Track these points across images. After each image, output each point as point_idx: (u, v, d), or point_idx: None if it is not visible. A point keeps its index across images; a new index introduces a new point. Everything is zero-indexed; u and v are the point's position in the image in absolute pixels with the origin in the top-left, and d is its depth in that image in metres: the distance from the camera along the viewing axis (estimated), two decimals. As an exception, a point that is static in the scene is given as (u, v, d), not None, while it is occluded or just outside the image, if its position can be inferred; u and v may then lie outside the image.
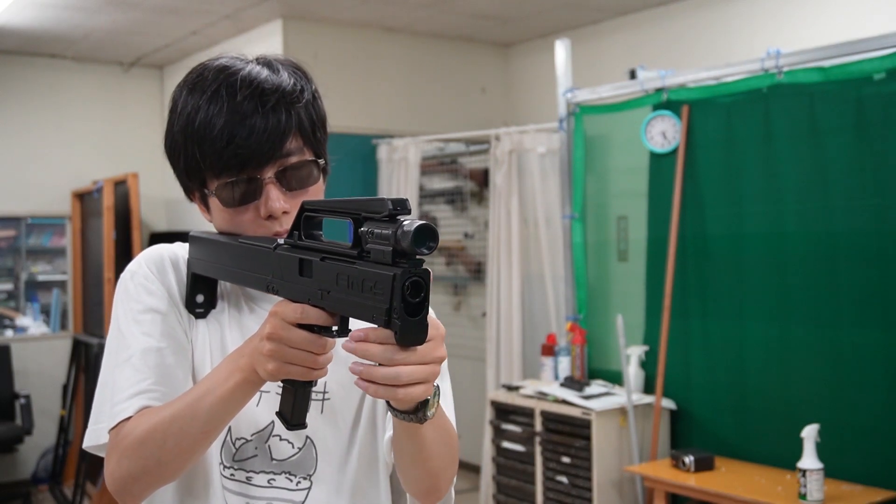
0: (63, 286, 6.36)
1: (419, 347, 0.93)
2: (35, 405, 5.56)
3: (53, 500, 5.62)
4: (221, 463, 1.18)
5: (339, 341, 0.99)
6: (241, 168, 1.10)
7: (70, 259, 6.33)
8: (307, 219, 1.03)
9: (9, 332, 6.04)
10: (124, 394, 1.11)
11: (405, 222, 0.87)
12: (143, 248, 6.17)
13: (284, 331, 0.97)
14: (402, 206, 0.89)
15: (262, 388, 1.17)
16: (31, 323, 6.17)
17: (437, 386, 1.05)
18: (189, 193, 1.20)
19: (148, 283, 1.18)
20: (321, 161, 1.17)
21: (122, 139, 6.26)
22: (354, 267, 0.93)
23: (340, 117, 5.37)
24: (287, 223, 1.13)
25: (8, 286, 6.34)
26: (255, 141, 1.08)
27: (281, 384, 1.06)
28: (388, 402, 1.04)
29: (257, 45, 5.41)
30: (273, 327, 0.97)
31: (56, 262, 6.43)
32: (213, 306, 1.18)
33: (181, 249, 1.23)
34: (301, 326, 0.97)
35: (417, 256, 0.88)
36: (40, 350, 6.01)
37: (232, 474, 1.17)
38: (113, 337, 1.16)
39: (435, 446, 1.11)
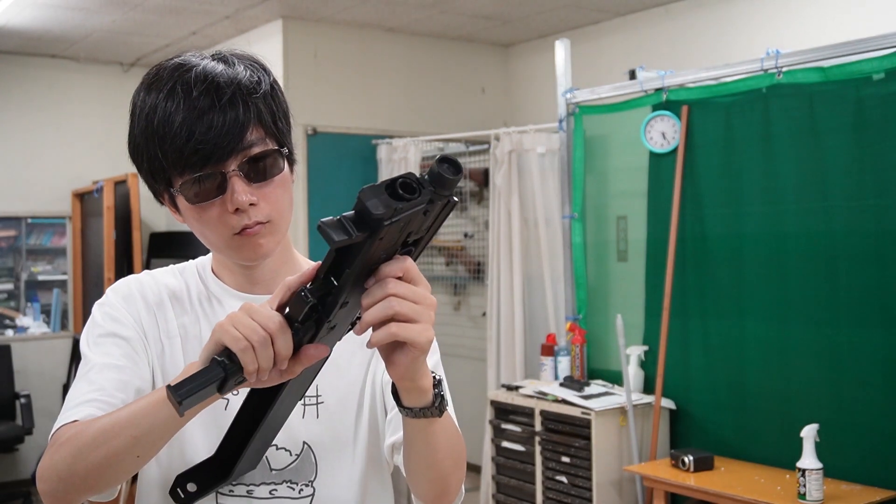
0: (63, 286, 6.36)
1: (403, 284, 0.90)
2: (35, 405, 5.56)
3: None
4: None
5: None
6: (203, 163, 1.09)
7: (70, 259, 6.33)
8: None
9: (9, 332, 6.05)
10: (72, 402, 1.11)
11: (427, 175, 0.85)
12: (143, 248, 6.19)
13: (252, 310, 0.90)
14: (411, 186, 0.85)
15: None
16: (31, 323, 6.17)
17: (441, 379, 1.04)
18: (158, 196, 1.19)
19: (114, 311, 1.19)
20: (285, 150, 1.15)
21: (122, 139, 6.13)
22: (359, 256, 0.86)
23: (340, 117, 5.37)
24: (256, 215, 1.11)
25: (8, 286, 6.34)
26: (215, 135, 1.07)
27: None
28: (400, 405, 1.02)
29: (257, 46, 5.41)
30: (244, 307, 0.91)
31: (56, 262, 6.44)
32: None
33: (148, 277, 1.24)
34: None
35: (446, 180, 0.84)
36: (40, 350, 6.02)
37: (231, 490, 1.17)
38: (80, 364, 1.17)
39: (446, 446, 1.10)
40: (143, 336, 1.18)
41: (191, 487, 1.10)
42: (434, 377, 1.02)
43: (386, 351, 0.94)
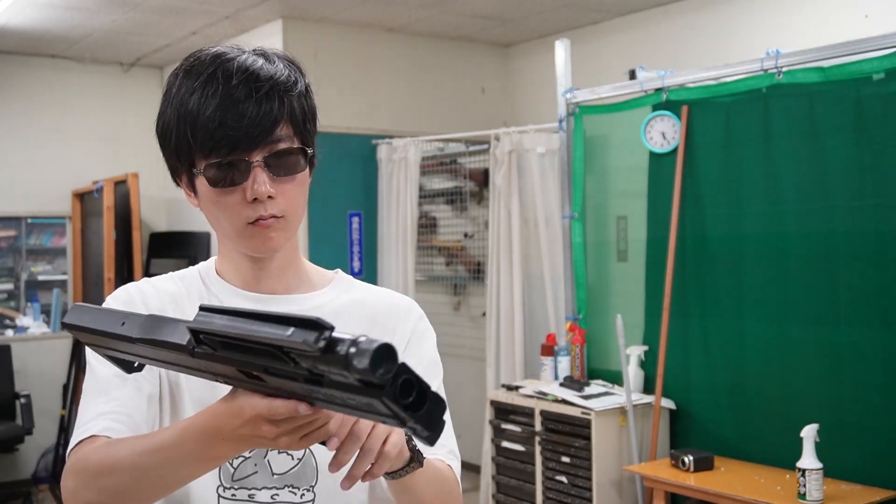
0: (63, 286, 6.37)
1: (354, 439, 0.94)
2: (35, 405, 5.56)
3: (54, 499, 5.62)
4: (221, 485, 1.17)
5: None
6: (230, 150, 1.10)
7: (70, 259, 6.33)
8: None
9: (9, 332, 6.05)
10: (86, 417, 1.11)
11: (351, 353, 0.73)
12: (143, 249, 6.19)
13: (287, 423, 0.88)
14: (321, 327, 0.75)
15: None
16: (31, 323, 6.17)
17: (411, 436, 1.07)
18: (176, 176, 1.19)
19: None
20: (309, 151, 1.18)
21: (122, 139, 6.26)
22: (319, 388, 0.80)
23: (340, 117, 5.37)
24: (272, 208, 1.13)
25: (8, 286, 6.35)
26: (247, 124, 1.09)
27: None
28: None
29: (257, 45, 5.40)
30: (272, 426, 0.89)
31: (56, 262, 6.44)
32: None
33: (147, 284, 1.24)
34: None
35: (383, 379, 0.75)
36: (40, 350, 6.02)
37: (233, 494, 1.17)
38: (86, 376, 1.17)
39: (430, 488, 1.13)
40: None
41: None
42: (406, 434, 1.05)
43: None
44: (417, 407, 0.78)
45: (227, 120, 1.09)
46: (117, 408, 1.11)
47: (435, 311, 5.73)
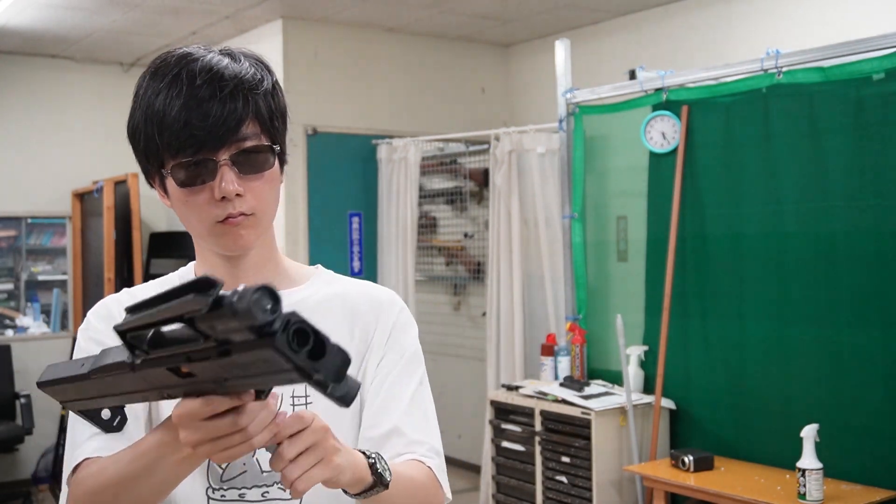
0: (63, 286, 6.37)
1: (298, 442, 0.94)
2: (35, 405, 5.56)
3: (54, 499, 5.62)
4: (210, 486, 1.17)
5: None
6: (196, 149, 1.11)
7: (70, 259, 6.33)
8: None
9: (9, 332, 6.05)
10: (78, 440, 1.13)
11: (235, 300, 0.74)
12: (143, 248, 6.19)
13: (200, 432, 0.90)
14: (207, 285, 0.77)
15: None
16: (31, 323, 6.18)
17: (377, 454, 1.08)
18: (149, 178, 1.21)
19: (97, 334, 1.20)
20: (277, 147, 1.18)
21: (122, 139, 6.13)
22: (230, 357, 0.81)
23: (340, 117, 5.37)
24: (240, 206, 1.14)
25: (8, 286, 6.35)
26: (212, 124, 1.10)
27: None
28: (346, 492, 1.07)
29: (257, 45, 5.41)
30: (186, 436, 0.91)
31: (56, 262, 6.44)
32: (123, 412, 1.10)
33: (126, 296, 1.25)
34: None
35: (273, 324, 0.76)
36: (40, 350, 6.02)
37: (223, 495, 1.17)
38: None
39: (403, 502, 1.14)
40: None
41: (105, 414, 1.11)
42: (367, 457, 1.06)
43: None
44: (317, 356, 0.78)
45: (192, 120, 1.10)
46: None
47: (435, 311, 5.74)
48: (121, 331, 0.88)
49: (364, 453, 1.07)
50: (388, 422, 1.19)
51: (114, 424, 1.07)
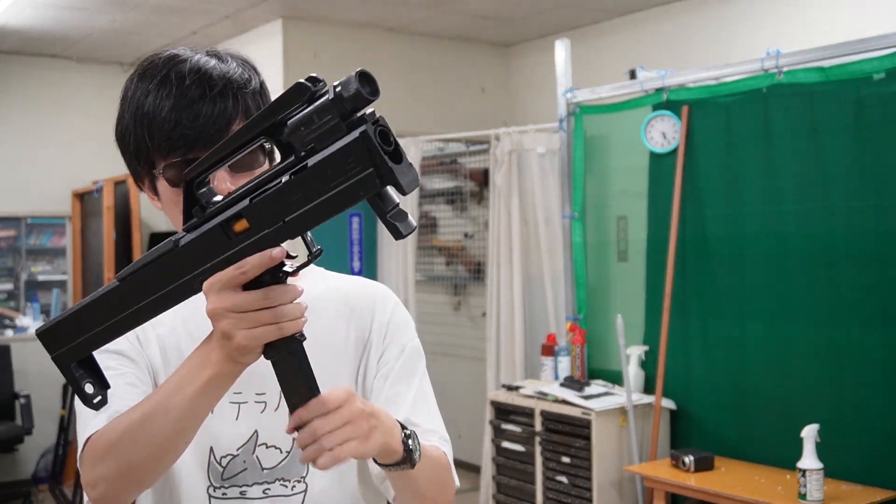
0: (63, 286, 6.36)
1: (341, 409, 0.93)
2: (35, 405, 5.56)
3: (53, 499, 5.62)
4: (211, 485, 1.17)
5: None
6: (188, 149, 1.12)
7: (70, 259, 6.33)
8: (199, 186, 0.93)
9: (9, 332, 6.05)
10: (88, 418, 1.11)
11: (333, 83, 0.79)
12: (143, 249, 6.19)
13: (226, 300, 0.90)
14: (315, 80, 0.82)
15: (240, 400, 1.17)
16: (31, 323, 6.17)
17: (413, 432, 1.08)
18: (139, 180, 1.21)
19: None
20: (268, 146, 1.18)
21: (122, 139, 6.25)
22: (306, 170, 0.82)
23: (340, 117, 5.36)
24: None
25: (8, 286, 6.34)
26: (202, 123, 1.11)
27: (270, 365, 0.96)
28: (374, 461, 1.07)
29: (257, 45, 5.41)
30: (214, 303, 0.91)
31: (56, 262, 6.44)
32: (106, 385, 1.07)
33: None
34: (248, 286, 0.90)
35: (369, 105, 0.80)
36: (40, 350, 5.80)
37: (224, 493, 1.17)
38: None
39: (426, 480, 1.15)
40: (132, 346, 1.19)
41: None
42: (404, 431, 1.07)
43: None
44: (397, 158, 0.80)
45: (182, 119, 1.11)
46: (119, 402, 1.11)
47: (435, 311, 5.73)
48: (194, 176, 0.90)
49: (401, 425, 1.07)
50: (399, 414, 1.20)
51: (94, 402, 1.03)
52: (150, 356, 1.20)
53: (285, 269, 0.91)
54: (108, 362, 1.15)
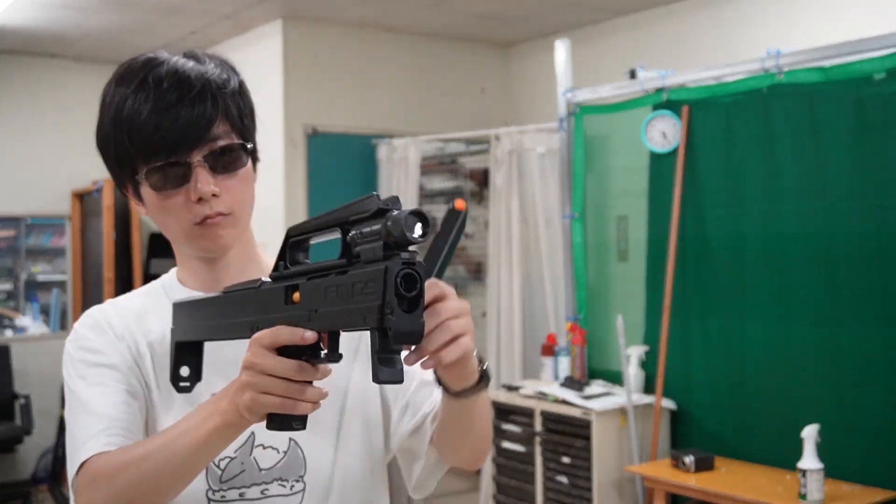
0: (63, 286, 6.36)
1: (450, 302, 0.92)
2: (35, 405, 5.56)
3: (53, 500, 5.62)
4: (209, 488, 1.17)
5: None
6: (169, 153, 1.11)
7: (70, 259, 6.33)
8: (293, 245, 1.00)
9: (9, 332, 6.04)
10: (82, 439, 1.11)
11: (395, 212, 0.83)
12: (142, 249, 6.18)
13: (260, 357, 0.93)
14: (392, 202, 0.86)
15: None
16: (30, 323, 6.17)
17: (483, 356, 1.08)
18: (122, 186, 1.21)
19: (88, 343, 1.20)
20: (249, 145, 1.19)
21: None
22: (343, 275, 0.88)
23: (340, 117, 5.36)
24: (217, 206, 1.14)
25: (8, 286, 6.34)
26: (182, 126, 1.10)
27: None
28: (448, 391, 1.06)
29: (257, 45, 5.41)
30: (248, 356, 0.94)
31: (56, 262, 6.43)
32: (199, 378, 1.13)
33: (110, 306, 1.25)
34: (284, 353, 0.93)
35: (410, 247, 0.83)
36: (40, 350, 6.01)
37: (223, 496, 1.17)
38: (67, 400, 1.18)
39: (485, 411, 1.18)
40: (124, 359, 1.19)
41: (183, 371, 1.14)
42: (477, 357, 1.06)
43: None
44: (410, 308, 0.83)
45: (162, 123, 1.10)
46: (113, 423, 1.12)
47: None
48: (293, 234, 0.99)
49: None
50: (417, 379, 1.23)
51: (180, 384, 1.12)
52: (144, 370, 1.20)
53: (323, 354, 0.94)
54: (100, 378, 1.16)
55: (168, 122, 1.10)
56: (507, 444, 4.07)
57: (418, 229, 0.82)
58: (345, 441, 1.23)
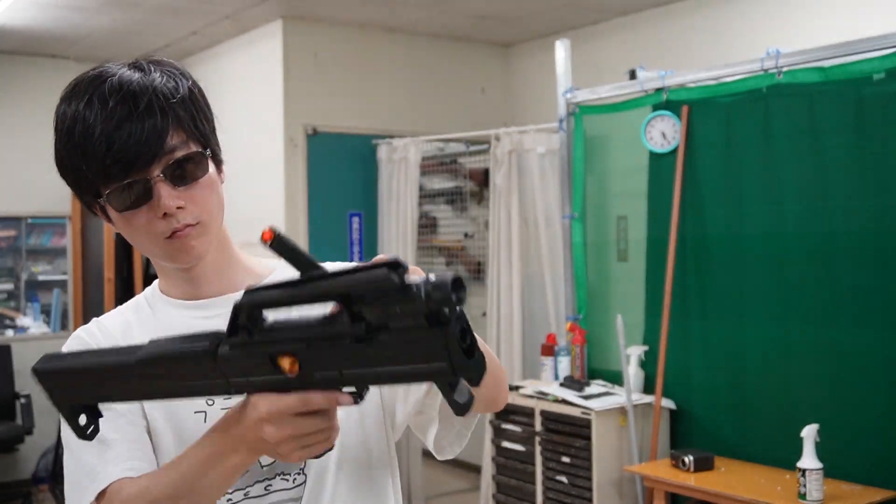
0: (63, 286, 6.36)
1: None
2: (35, 405, 5.56)
3: (54, 499, 5.62)
4: None
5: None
6: (126, 172, 1.09)
7: (70, 259, 6.33)
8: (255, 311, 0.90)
9: (9, 332, 6.05)
10: (91, 464, 1.11)
11: (431, 280, 0.78)
12: (143, 248, 6.17)
13: (290, 426, 0.92)
14: (397, 265, 0.80)
15: (232, 405, 1.17)
16: (31, 323, 6.18)
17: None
18: (90, 208, 1.19)
19: None
20: (208, 152, 1.16)
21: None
22: (377, 342, 0.82)
23: (340, 117, 5.37)
24: (184, 218, 1.12)
25: (8, 286, 6.35)
26: (134, 143, 1.08)
27: None
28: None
29: (257, 45, 5.41)
30: (278, 430, 0.92)
31: (56, 262, 6.44)
32: (99, 414, 1.04)
33: (95, 326, 1.24)
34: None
35: (458, 307, 0.79)
36: (41, 350, 5.88)
37: (229, 499, 1.17)
38: (64, 426, 1.14)
39: (493, 374, 1.15)
40: None
41: None
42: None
43: None
44: (471, 353, 0.81)
45: (114, 143, 1.07)
46: (123, 451, 1.12)
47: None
48: (245, 303, 0.87)
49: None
50: None
51: (88, 433, 1.01)
52: None
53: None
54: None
55: (119, 142, 1.07)
56: (507, 444, 4.07)
57: (461, 292, 0.79)
58: (343, 428, 1.23)
